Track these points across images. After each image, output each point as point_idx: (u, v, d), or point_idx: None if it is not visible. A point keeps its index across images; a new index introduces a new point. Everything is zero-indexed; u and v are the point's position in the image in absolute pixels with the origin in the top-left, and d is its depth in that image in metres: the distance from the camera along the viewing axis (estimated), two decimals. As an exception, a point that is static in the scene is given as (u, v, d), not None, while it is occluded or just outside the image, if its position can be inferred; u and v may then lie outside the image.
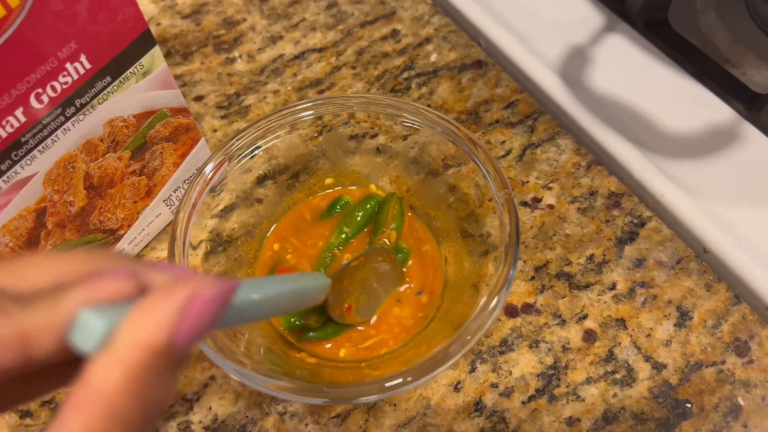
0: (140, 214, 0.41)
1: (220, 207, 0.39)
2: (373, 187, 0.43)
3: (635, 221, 0.43)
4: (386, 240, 0.40)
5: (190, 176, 0.43)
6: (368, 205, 0.42)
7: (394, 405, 0.37)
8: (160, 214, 0.43)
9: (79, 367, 0.15)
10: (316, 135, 0.41)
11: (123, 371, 0.15)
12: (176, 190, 0.43)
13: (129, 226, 0.41)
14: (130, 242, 0.42)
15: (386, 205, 0.41)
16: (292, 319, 0.38)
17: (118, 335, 0.15)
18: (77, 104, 0.33)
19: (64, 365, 0.16)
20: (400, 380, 0.29)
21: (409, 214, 0.42)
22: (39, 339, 0.15)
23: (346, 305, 0.37)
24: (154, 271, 0.18)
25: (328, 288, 0.33)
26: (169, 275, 0.18)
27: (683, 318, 0.39)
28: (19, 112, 0.30)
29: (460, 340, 0.30)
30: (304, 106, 0.39)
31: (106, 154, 0.37)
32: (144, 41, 0.34)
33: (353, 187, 0.44)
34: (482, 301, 0.32)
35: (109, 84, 0.34)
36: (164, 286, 0.17)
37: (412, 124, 0.39)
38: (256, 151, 0.39)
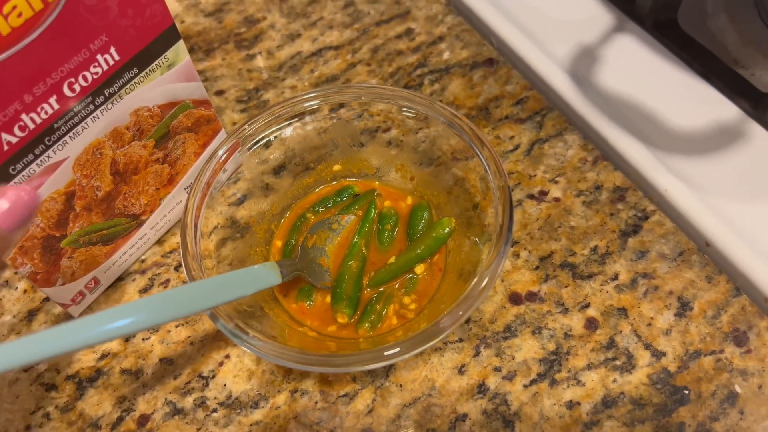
0: (162, 201, 0.44)
1: (238, 195, 0.41)
2: (376, 184, 0.45)
3: (639, 215, 0.44)
4: None
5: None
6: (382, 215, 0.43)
7: (401, 386, 0.39)
8: (180, 201, 0.45)
9: None
10: (329, 128, 0.43)
11: None
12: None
13: (151, 211, 0.43)
14: (152, 227, 0.44)
15: (419, 213, 0.43)
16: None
17: None
18: (106, 93, 0.35)
19: None
20: (398, 350, 0.32)
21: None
22: None
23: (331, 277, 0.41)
24: None
25: (275, 280, 0.36)
26: None
27: (684, 308, 0.40)
28: (53, 100, 0.32)
29: (451, 315, 0.32)
30: (315, 94, 0.41)
31: (131, 141, 0.39)
32: (169, 35, 0.37)
33: (360, 179, 0.45)
34: (474, 280, 0.34)
35: (136, 75, 0.36)
36: None
37: (418, 115, 0.41)
38: (271, 138, 0.41)
